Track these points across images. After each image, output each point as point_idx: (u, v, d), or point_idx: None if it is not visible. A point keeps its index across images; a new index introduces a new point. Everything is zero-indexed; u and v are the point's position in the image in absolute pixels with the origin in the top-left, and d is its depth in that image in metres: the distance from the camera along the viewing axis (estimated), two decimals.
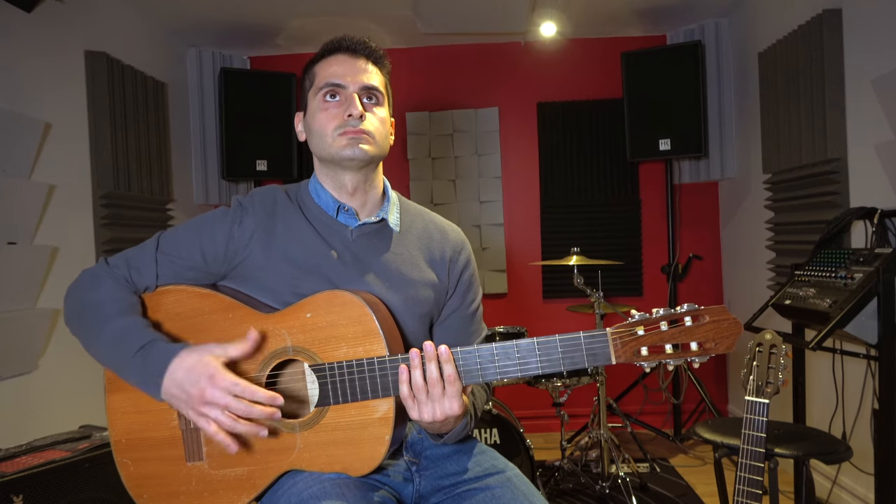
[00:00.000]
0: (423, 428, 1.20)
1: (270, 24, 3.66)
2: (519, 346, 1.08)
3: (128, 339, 1.13)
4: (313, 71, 1.30)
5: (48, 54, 2.63)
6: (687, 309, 1.04)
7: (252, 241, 1.22)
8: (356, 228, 1.27)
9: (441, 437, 1.21)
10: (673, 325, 1.04)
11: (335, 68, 1.26)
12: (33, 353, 2.47)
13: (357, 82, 1.25)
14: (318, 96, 1.26)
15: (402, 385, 1.09)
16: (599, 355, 1.06)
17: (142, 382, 1.12)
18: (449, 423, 1.13)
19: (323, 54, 1.30)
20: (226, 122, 3.66)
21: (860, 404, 2.40)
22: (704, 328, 1.04)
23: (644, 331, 1.05)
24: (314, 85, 1.28)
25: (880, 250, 2.10)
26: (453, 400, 1.08)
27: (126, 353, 1.12)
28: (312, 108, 1.27)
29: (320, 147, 1.26)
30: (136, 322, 1.16)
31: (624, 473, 2.81)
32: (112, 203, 2.94)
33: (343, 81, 1.24)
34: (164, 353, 1.11)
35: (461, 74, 4.08)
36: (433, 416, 1.08)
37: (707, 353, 1.04)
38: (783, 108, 2.95)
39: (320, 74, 1.27)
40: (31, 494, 1.69)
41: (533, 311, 4.06)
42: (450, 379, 1.08)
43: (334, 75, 1.25)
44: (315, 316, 1.15)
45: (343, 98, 1.24)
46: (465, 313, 1.36)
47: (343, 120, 1.22)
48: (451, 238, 1.37)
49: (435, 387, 1.08)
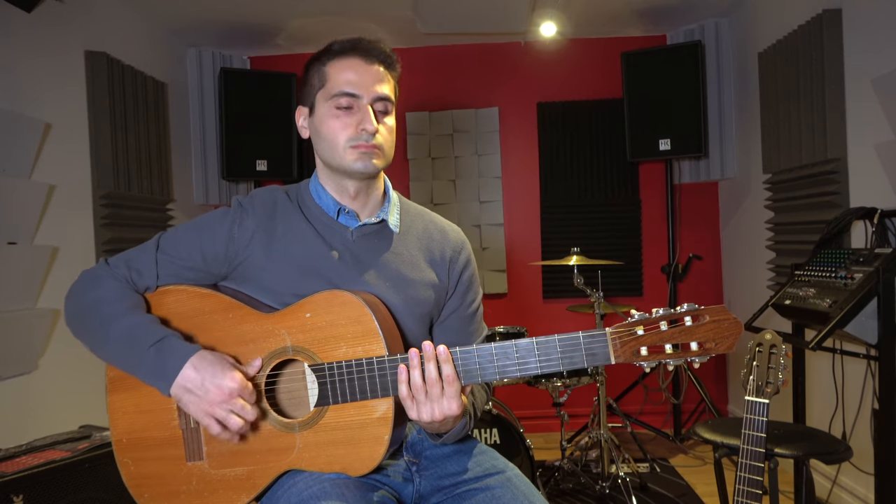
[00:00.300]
0: (423, 428, 1.20)
1: (270, 24, 3.66)
2: (518, 346, 1.08)
3: (140, 334, 1.14)
4: (325, 71, 1.25)
5: (48, 54, 2.63)
6: (687, 309, 1.04)
7: (252, 241, 1.22)
8: (356, 229, 1.27)
9: (440, 436, 1.21)
10: (673, 325, 1.04)
11: (350, 75, 1.22)
12: (33, 353, 2.47)
13: (372, 93, 1.22)
14: (329, 101, 1.23)
15: (400, 385, 1.09)
16: (599, 355, 1.05)
17: (153, 377, 1.13)
18: (448, 422, 1.13)
19: (336, 54, 1.24)
20: (226, 122, 3.66)
21: (860, 404, 2.40)
22: (704, 328, 1.04)
23: (644, 331, 1.04)
24: (325, 87, 1.24)
25: (880, 250, 2.10)
26: (452, 400, 1.08)
27: (139, 348, 1.13)
28: (322, 113, 1.24)
29: (329, 155, 1.24)
30: (146, 318, 1.17)
31: (624, 473, 2.81)
32: (112, 203, 2.94)
33: (358, 91, 1.21)
34: (182, 350, 1.12)
35: (461, 74, 4.08)
36: (432, 416, 1.09)
37: (707, 353, 1.04)
38: (783, 108, 2.95)
39: (333, 78, 1.23)
40: (31, 494, 1.69)
41: (533, 311, 4.06)
42: (448, 379, 1.08)
43: (349, 84, 1.21)
44: (314, 316, 1.15)
45: (356, 108, 1.22)
46: (464, 313, 1.36)
47: (356, 132, 1.21)
48: (451, 238, 1.37)
49: (433, 387, 1.08)
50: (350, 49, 1.24)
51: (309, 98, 1.28)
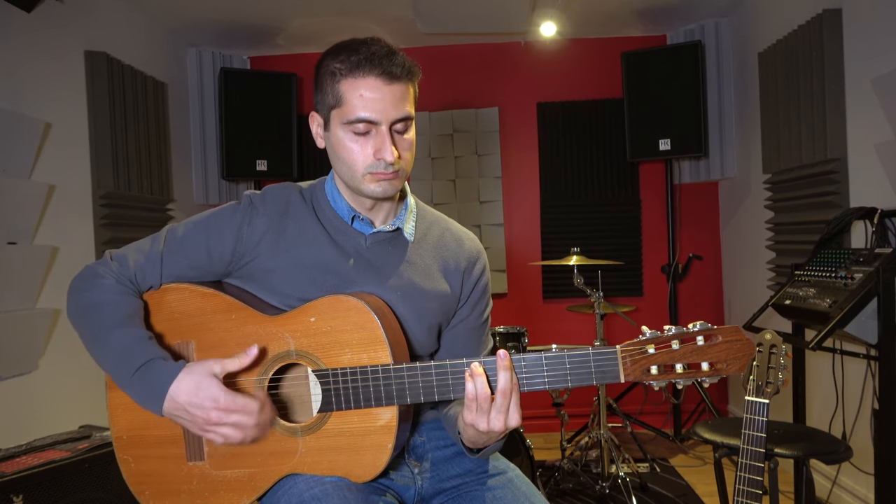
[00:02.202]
0: (470, 438, 1.14)
1: (270, 24, 3.66)
2: (525, 360, 1.06)
3: (126, 356, 1.10)
4: (339, 89, 1.13)
5: (48, 54, 2.63)
6: (700, 328, 1.02)
7: (262, 242, 1.20)
8: (370, 236, 1.24)
9: (478, 451, 1.18)
10: (684, 344, 1.02)
11: (368, 99, 1.11)
12: (33, 353, 2.47)
13: (390, 118, 1.13)
14: (345, 126, 1.14)
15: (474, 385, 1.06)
16: (608, 373, 1.03)
17: (142, 401, 1.10)
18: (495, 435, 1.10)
19: (352, 69, 1.12)
20: (226, 122, 3.66)
21: (860, 404, 2.40)
22: (717, 348, 1.02)
23: (655, 349, 1.02)
24: (340, 108, 1.14)
25: (880, 250, 2.10)
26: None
27: (125, 372, 1.10)
28: (338, 135, 1.16)
29: (346, 176, 1.18)
30: (135, 335, 1.12)
31: (624, 473, 2.81)
32: (112, 203, 2.94)
33: (376, 118, 1.12)
34: (163, 374, 1.08)
35: (461, 74, 4.08)
36: (505, 425, 1.05)
37: (718, 373, 1.02)
38: (783, 108, 2.95)
39: (349, 101, 1.12)
40: (31, 494, 1.69)
41: (533, 311, 4.06)
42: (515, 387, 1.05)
43: (367, 109, 1.11)
44: (319, 320, 1.14)
45: (374, 132, 1.14)
46: (473, 324, 1.33)
47: (374, 161, 1.14)
48: (467, 248, 1.33)
49: (505, 397, 1.04)
50: (367, 64, 1.11)
51: (322, 110, 1.19)
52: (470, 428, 1.09)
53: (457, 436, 1.19)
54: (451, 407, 1.26)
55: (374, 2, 3.39)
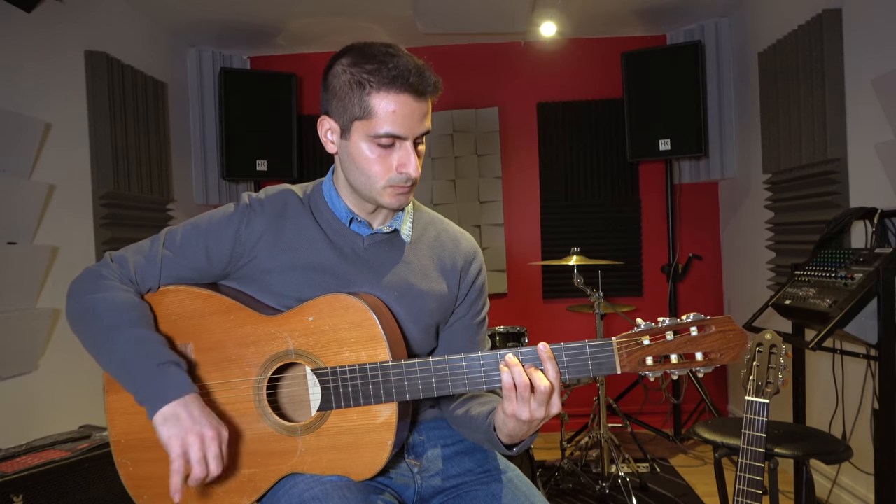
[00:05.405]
0: (510, 431, 1.11)
1: (270, 24, 3.66)
2: (523, 353, 1.07)
3: (148, 349, 1.11)
4: (368, 102, 1.11)
5: (48, 54, 2.63)
6: (693, 319, 1.04)
7: (259, 243, 1.20)
8: (368, 237, 1.25)
9: (513, 447, 1.16)
10: (678, 335, 1.04)
11: (399, 115, 1.11)
12: (33, 353, 2.47)
13: (415, 133, 1.14)
14: (371, 138, 1.13)
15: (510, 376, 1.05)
16: (605, 365, 1.05)
17: (149, 395, 1.08)
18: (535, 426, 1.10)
19: (385, 84, 1.10)
20: (226, 122, 3.66)
21: (860, 404, 2.40)
22: (710, 338, 1.03)
23: (650, 340, 1.04)
24: (368, 121, 1.11)
25: (880, 250, 2.10)
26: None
27: (144, 363, 1.09)
28: (361, 146, 1.14)
29: (361, 186, 1.18)
30: (155, 337, 1.14)
31: (624, 473, 2.81)
32: (112, 203, 2.94)
33: (404, 133, 1.12)
34: (186, 382, 1.10)
35: (461, 74, 4.08)
36: (545, 414, 1.06)
37: (712, 363, 1.04)
38: (783, 108, 2.95)
39: (379, 115, 1.11)
40: (31, 494, 1.69)
41: (533, 311, 4.06)
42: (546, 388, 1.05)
43: (396, 125, 1.11)
44: (317, 319, 1.15)
45: (398, 146, 1.14)
46: (470, 322, 1.34)
47: (396, 174, 1.14)
48: (464, 247, 1.34)
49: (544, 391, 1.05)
50: (401, 80, 1.09)
51: (341, 117, 1.15)
52: (511, 419, 1.07)
53: (490, 433, 1.15)
54: (470, 406, 1.24)
55: (373, 2, 3.38)
